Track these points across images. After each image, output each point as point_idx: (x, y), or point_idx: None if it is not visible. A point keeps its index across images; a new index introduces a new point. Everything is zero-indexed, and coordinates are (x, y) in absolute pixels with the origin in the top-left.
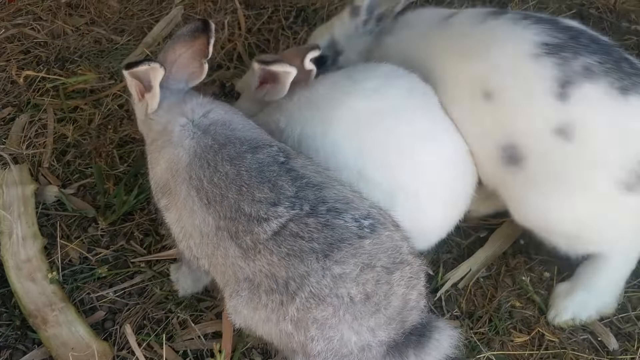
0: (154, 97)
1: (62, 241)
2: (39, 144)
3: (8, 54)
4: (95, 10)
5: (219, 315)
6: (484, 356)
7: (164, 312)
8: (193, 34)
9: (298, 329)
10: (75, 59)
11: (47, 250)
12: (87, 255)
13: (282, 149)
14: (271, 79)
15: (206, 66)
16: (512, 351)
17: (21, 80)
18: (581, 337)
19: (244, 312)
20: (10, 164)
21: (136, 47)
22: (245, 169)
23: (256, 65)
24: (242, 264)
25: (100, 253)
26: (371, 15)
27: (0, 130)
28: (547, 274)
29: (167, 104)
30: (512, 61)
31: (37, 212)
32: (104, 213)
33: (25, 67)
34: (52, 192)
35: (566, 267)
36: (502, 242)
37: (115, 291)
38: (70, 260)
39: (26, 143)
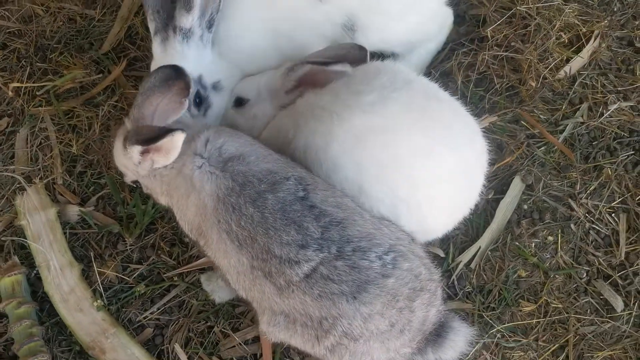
0: (171, 155)
1: (97, 265)
2: (47, 159)
3: None
4: None
5: (254, 320)
6: (497, 330)
7: (205, 323)
8: (167, 83)
9: (332, 354)
10: (55, 46)
11: (85, 273)
12: (122, 276)
13: (299, 179)
14: (312, 81)
15: (187, 102)
16: (521, 320)
17: (10, 92)
18: (583, 301)
19: (279, 337)
20: (25, 187)
21: (113, 24)
22: (268, 212)
23: (308, 67)
24: (277, 300)
25: (135, 270)
26: (202, 27)
27: (3, 145)
28: (550, 238)
29: None
30: None
31: (65, 235)
32: (128, 227)
33: (7, 68)
34: (74, 211)
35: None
36: (506, 211)
37: (157, 307)
38: (110, 281)
39: (34, 159)
